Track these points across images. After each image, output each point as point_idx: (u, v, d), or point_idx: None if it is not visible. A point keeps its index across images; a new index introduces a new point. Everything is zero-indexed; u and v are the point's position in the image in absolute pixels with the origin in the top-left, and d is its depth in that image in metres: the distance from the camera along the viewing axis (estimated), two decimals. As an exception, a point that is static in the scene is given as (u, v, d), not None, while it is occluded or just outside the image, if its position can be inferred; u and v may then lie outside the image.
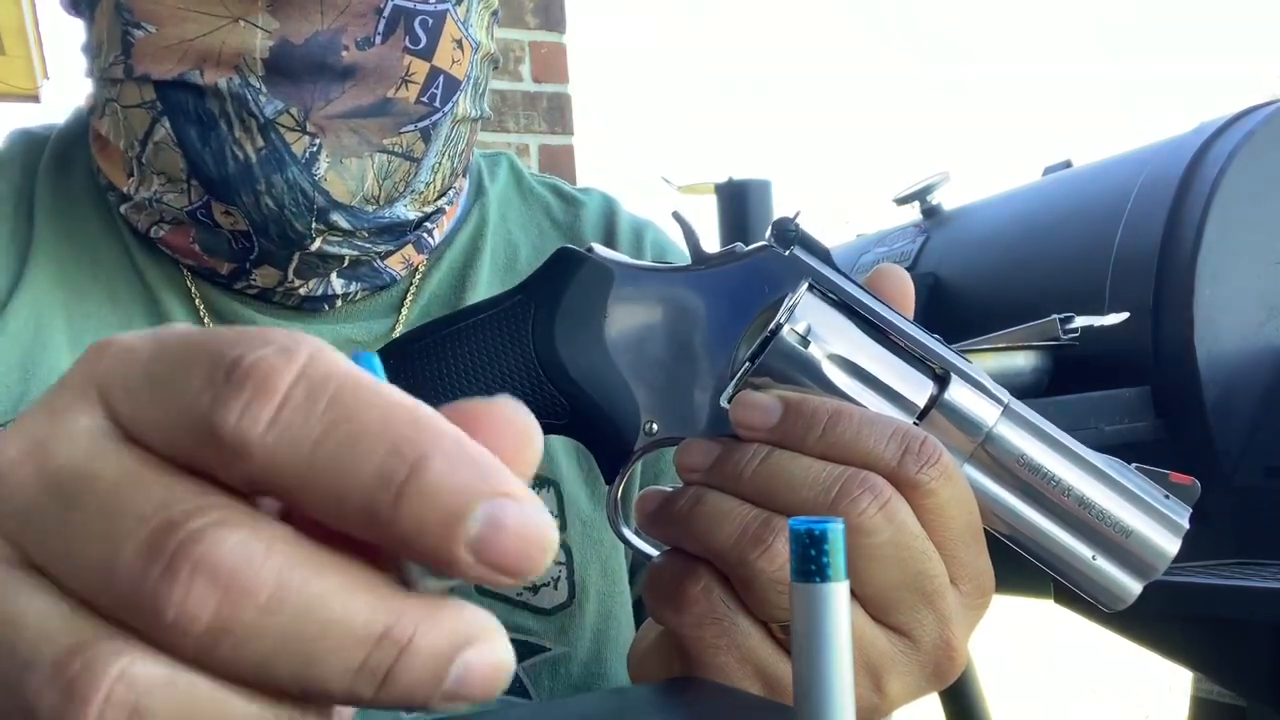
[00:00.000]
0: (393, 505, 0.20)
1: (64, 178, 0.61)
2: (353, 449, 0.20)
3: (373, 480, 0.20)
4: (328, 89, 0.53)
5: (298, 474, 0.20)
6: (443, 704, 0.21)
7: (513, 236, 0.68)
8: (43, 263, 0.58)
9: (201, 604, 0.20)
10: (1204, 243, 1.28)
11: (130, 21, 0.52)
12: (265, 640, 0.20)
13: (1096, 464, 0.43)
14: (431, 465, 0.20)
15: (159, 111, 0.53)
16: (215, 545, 0.20)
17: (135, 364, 0.22)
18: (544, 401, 0.43)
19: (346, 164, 0.54)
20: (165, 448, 0.22)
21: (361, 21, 0.53)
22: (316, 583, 0.20)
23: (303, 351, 0.21)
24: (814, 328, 0.42)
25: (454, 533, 0.20)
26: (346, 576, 0.21)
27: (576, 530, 0.61)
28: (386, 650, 0.20)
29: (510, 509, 0.20)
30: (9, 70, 2.08)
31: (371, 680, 0.20)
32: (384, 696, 0.21)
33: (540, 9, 2.33)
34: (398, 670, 0.20)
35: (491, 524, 0.20)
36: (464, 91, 0.58)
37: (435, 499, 0.20)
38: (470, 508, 0.20)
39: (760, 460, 0.40)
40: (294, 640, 0.20)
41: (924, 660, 0.41)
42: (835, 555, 0.22)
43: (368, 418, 0.21)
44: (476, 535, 0.20)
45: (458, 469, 0.20)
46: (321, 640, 0.20)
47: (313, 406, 0.20)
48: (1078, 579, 0.44)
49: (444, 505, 0.20)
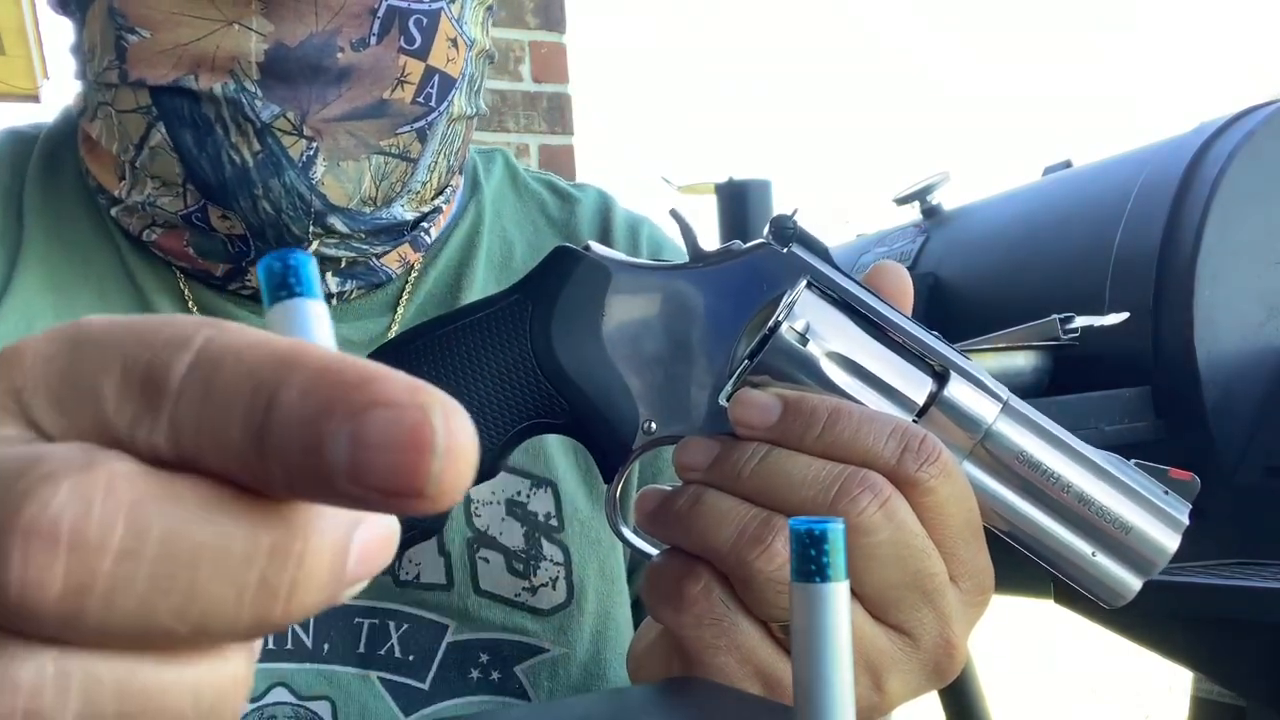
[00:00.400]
0: (259, 456, 0.19)
1: (53, 178, 0.61)
2: (225, 407, 0.19)
3: (239, 434, 0.19)
4: (324, 91, 0.52)
5: (194, 450, 0.19)
6: (346, 594, 0.20)
7: (508, 234, 0.68)
8: (32, 264, 0.57)
9: (45, 569, 0.18)
10: (1204, 243, 1.28)
11: (124, 26, 0.52)
12: (135, 587, 0.18)
13: (1096, 460, 0.43)
14: (281, 401, 0.18)
15: (154, 117, 0.53)
16: (42, 503, 0.18)
17: (51, 371, 0.21)
18: (542, 401, 0.43)
19: (344, 167, 0.54)
20: None
21: (356, 22, 0.52)
22: (173, 512, 0.19)
23: (198, 339, 0.20)
24: (813, 325, 0.42)
25: (318, 465, 0.18)
26: (209, 498, 0.19)
27: (574, 530, 0.61)
28: (279, 564, 0.19)
29: (376, 420, 0.18)
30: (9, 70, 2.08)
31: (273, 599, 0.19)
32: (293, 610, 0.19)
33: (540, 9, 2.33)
34: (300, 580, 0.19)
35: (355, 443, 0.18)
36: (459, 89, 0.58)
37: (289, 433, 0.18)
38: (325, 434, 0.18)
39: (759, 459, 0.40)
40: (166, 578, 0.18)
41: (924, 659, 0.41)
42: (835, 555, 0.22)
43: (231, 375, 0.19)
44: (345, 460, 0.18)
45: (310, 396, 0.18)
46: (198, 569, 0.19)
47: (207, 394, 0.19)
48: (1077, 575, 0.44)
49: (298, 438, 0.18)
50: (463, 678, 0.58)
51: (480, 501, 0.59)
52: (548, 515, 0.60)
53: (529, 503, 0.60)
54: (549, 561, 0.60)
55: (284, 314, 0.21)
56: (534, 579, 0.59)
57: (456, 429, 0.18)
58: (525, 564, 0.59)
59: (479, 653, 0.58)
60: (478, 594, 0.58)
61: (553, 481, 0.61)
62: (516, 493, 0.60)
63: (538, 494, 0.60)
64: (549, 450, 0.62)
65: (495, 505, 0.59)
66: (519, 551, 0.59)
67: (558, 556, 0.60)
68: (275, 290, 0.21)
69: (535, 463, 0.61)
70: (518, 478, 0.60)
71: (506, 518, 0.60)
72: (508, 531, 0.59)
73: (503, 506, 0.60)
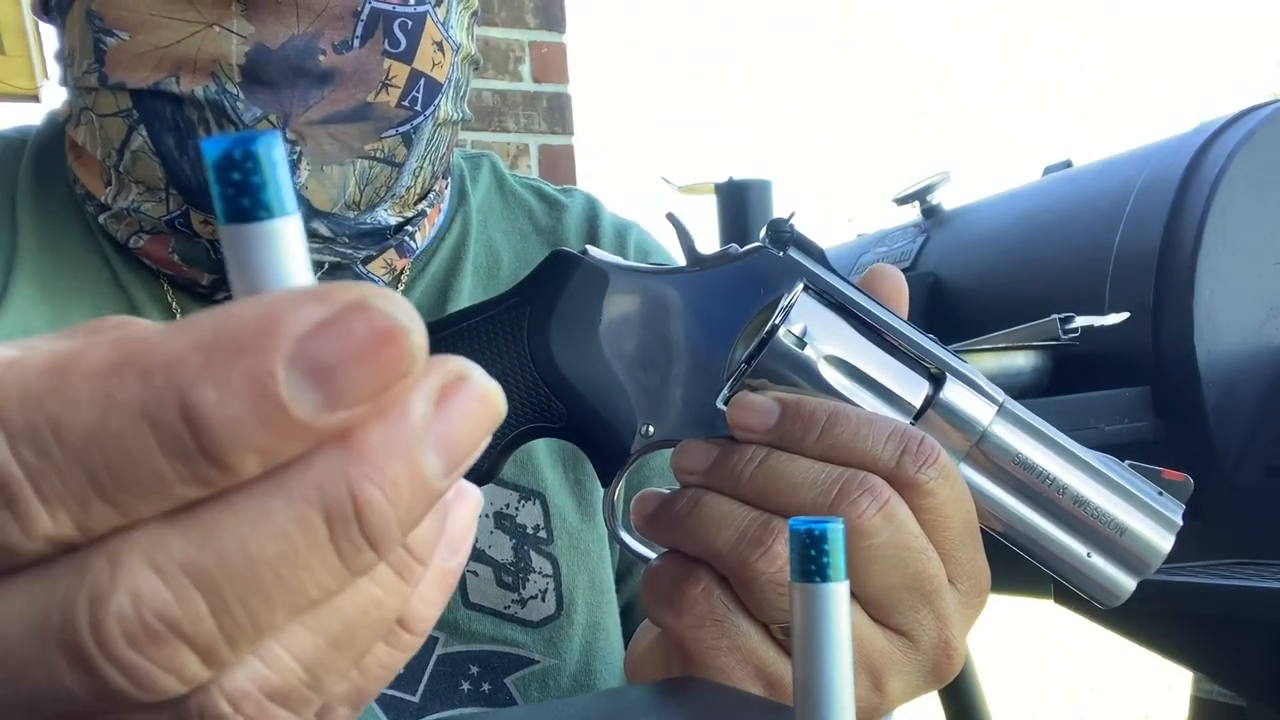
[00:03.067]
0: (211, 464, 0.18)
1: (44, 187, 0.60)
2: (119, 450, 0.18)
3: (169, 465, 0.18)
4: (306, 94, 0.52)
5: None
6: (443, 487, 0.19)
7: (494, 244, 0.67)
8: (28, 274, 0.57)
9: (162, 671, 0.18)
10: (1204, 243, 1.28)
11: (101, 29, 0.52)
12: (241, 618, 0.18)
13: (1091, 462, 0.44)
14: (197, 404, 0.17)
15: (135, 120, 0.53)
16: (128, 604, 0.18)
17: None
18: (539, 405, 0.43)
19: (327, 171, 0.53)
20: None
21: (338, 25, 0.52)
22: (243, 529, 0.18)
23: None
24: (810, 329, 0.42)
25: (288, 420, 0.17)
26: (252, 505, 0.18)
27: (564, 542, 0.61)
28: (342, 525, 0.18)
29: (324, 343, 0.17)
30: (9, 70, 2.08)
31: (357, 552, 0.18)
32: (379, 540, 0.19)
33: (540, 9, 2.33)
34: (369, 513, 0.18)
35: (315, 378, 0.17)
36: (445, 94, 0.58)
37: (232, 426, 0.17)
38: (271, 393, 0.17)
39: (759, 462, 0.40)
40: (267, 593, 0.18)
41: (923, 660, 0.41)
42: (835, 555, 0.22)
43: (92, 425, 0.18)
44: (319, 399, 0.18)
45: (230, 375, 0.17)
46: (272, 574, 0.18)
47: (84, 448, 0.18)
48: (1073, 576, 0.44)
49: (249, 417, 0.17)
50: (453, 690, 0.58)
51: None
52: (536, 527, 0.60)
53: (518, 515, 0.60)
54: (538, 574, 0.60)
55: (244, 242, 0.18)
56: (523, 591, 0.59)
57: (393, 299, 0.18)
58: (514, 576, 0.59)
59: (469, 665, 0.58)
60: (467, 607, 0.58)
61: (541, 493, 0.61)
62: (505, 505, 0.60)
63: (526, 506, 0.60)
64: (537, 462, 0.61)
65: (484, 519, 0.59)
66: (508, 564, 0.59)
67: (547, 569, 0.60)
68: (231, 206, 0.18)
69: (524, 474, 0.61)
70: (506, 490, 0.60)
71: (495, 530, 0.59)
72: (497, 545, 0.59)
73: (491, 520, 0.59)
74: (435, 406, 0.19)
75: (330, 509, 0.18)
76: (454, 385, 0.19)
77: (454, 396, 0.19)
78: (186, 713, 0.19)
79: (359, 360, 0.18)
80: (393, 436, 0.18)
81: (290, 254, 0.19)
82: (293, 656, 0.20)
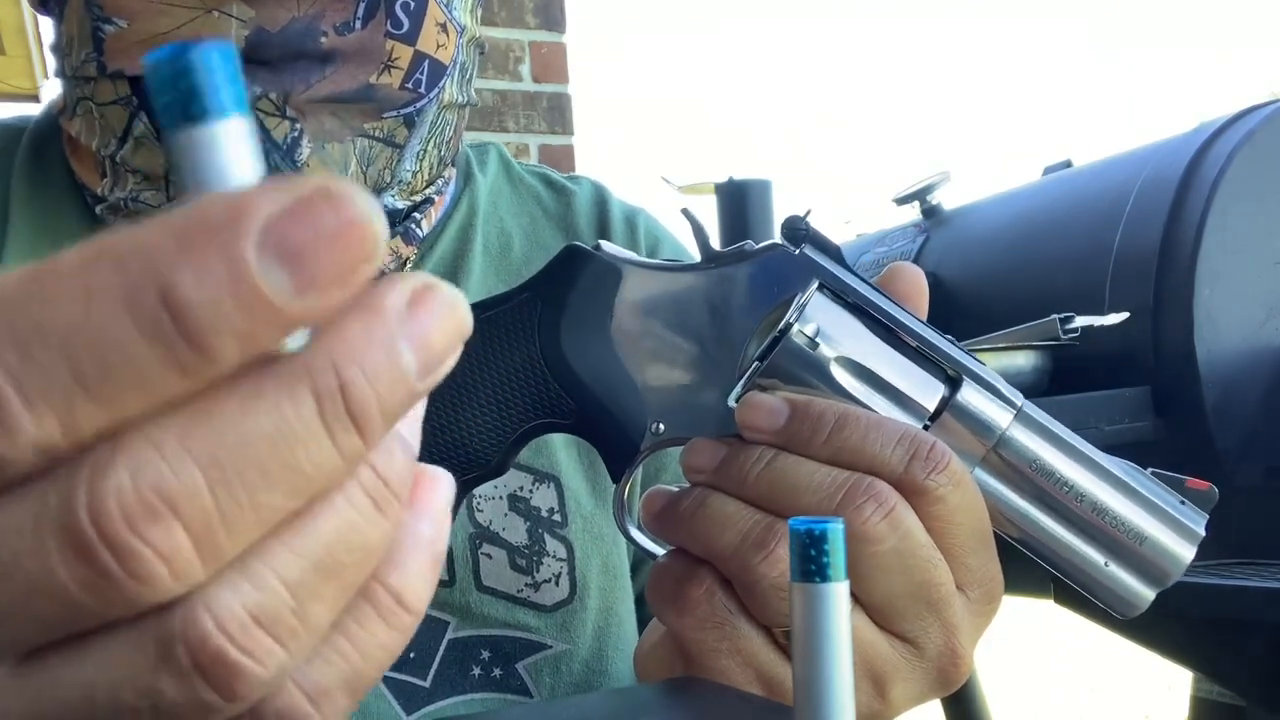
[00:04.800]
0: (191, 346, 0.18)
1: (40, 173, 0.60)
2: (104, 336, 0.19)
3: (146, 348, 0.18)
4: (307, 74, 0.51)
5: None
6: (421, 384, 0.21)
7: (505, 225, 0.67)
8: (20, 256, 0.56)
9: (156, 556, 0.19)
10: (1204, 243, 1.28)
11: (100, 17, 0.51)
12: (243, 499, 0.19)
13: (1112, 469, 0.43)
14: (177, 285, 0.18)
15: (136, 107, 0.52)
16: (127, 478, 0.18)
17: None
18: (550, 400, 0.43)
19: (329, 149, 0.53)
20: None
21: (339, 6, 0.51)
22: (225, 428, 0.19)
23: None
24: (823, 328, 0.42)
25: (262, 306, 0.18)
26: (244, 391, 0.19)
27: (578, 526, 0.60)
28: (331, 407, 0.20)
29: (295, 226, 0.18)
30: (9, 70, 2.08)
31: (346, 432, 0.20)
32: (366, 429, 0.20)
33: (540, 9, 2.33)
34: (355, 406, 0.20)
35: (286, 259, 0.18)
36: (450, 77, 0.57)
37: (209, 307, 0.18)
38: (243, 272, 0.18)
39: (765, 464, 0.40)
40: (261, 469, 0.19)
41: (928, 668, 0.41)
42: (835, 555, 0.22)
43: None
44: (290, 283, 0.18)
45: (204, 258, 0.18)
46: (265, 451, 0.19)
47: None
48: (1090, 585, 0.43)
49: (225, 299, 0.18)
50: (464, 675, 0.57)
51: (482, 497, 0.59)
52: (551, 511, 0.60)
53: (532, 498, 0.60)
54: (552, 557, 0.59)
55: (190, 146, 0.19)
56: (537, 575, 0.59)
57: (355, 189, 0.19)
58: (528, 560, 0.59)
59: (481, 649, 0.58)
60: (480, 590, 0.58)
61: (556, 476, 0.61)
62: (519, 488, 0.60)
63: (541, 489, 0.60)
64: (552, 445, 0.61)
65: (498, 500, 0.59)
66: (521, 547, 0.59)
67: (560, 552, 0.60)
68: (170, 111, 0.19)
69: (538, 458, 0.60)
70: (521, 473, 0.60)
71: (509, 513, 0.59)
72: (510, 527, 0.59)
73: (505, 502, 0.59)
74: (408, 308, 0.20)
75: (318, 386, 0.19)
76: (423, 291, 0.21)
77: (425, 301, 0.21)
78: (169, 631, 0.20)
79: (326, 243, 0.18)
80: (372, 327, 0.20)
81: (236, 156, 0.19)
82: (276, 575, 0.20)
